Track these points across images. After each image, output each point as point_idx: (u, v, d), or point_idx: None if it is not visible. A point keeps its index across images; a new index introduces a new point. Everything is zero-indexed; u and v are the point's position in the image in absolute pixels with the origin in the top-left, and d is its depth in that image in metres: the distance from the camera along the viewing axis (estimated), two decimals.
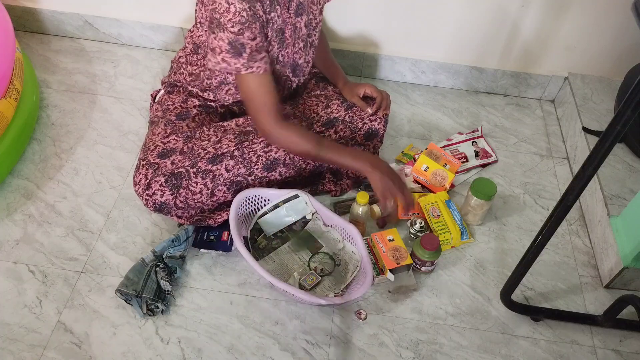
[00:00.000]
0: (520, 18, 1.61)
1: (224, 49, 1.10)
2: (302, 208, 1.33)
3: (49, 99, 1.65)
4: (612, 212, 1.35)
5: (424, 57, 1.75)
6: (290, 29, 1.23)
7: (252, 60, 1.12)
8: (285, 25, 1.22)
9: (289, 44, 1.26)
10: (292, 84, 1.38)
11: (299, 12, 1.23)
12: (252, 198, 1.30)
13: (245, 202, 1.29)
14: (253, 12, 1.09)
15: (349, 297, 1.18)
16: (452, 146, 1.60)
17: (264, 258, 1.29)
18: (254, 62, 1.13)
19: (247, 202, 1.29)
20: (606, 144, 0.87)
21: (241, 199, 1.27)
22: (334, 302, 1.17)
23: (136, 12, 1.76)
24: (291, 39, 1.25)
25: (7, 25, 1.44)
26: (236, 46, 1.10)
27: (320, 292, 1.23)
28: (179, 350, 1.16)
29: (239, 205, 1.26)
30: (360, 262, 1.24)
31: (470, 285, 1.31)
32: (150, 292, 1.18)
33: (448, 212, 1.39)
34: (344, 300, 1.17)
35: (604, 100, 1.66)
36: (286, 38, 1.24)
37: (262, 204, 1.33)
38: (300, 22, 1.24)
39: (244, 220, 1.29)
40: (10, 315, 1.18)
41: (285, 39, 1.24)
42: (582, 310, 1.29)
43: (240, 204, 1.27)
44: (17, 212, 1.37)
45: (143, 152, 1.27)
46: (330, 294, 1.21)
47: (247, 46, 1.10)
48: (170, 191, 1.21)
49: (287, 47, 1.26)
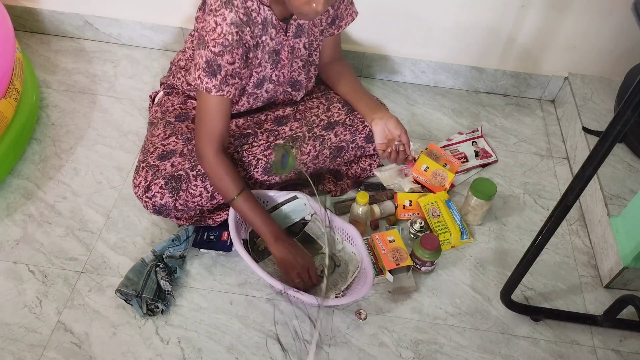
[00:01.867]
0: (520, 18, 1.61)
1: (201, 66, 1.11)
2: (301, 209, 1.33)
3: (49, 99, 1.65)
4: (612, 212, 1.35)
5: (424, 57, 1.75)
6: (287, 51, 1.23)
7: (224, 83, 1.12)
8: (281, 48, 1.22)
9: (285, 65, 1.26)
10: (292, 97, 1.38)
11: (298, 34, 1.23)
12: None
13: None
14: (240, 37, 1.09)
15: (350, 299, 1.17)
16: (452, 146, 1.60)
17: (263, 260, 1.29)
18: (225, 86, 1.13)
19: None
20: (606, 144, 0.87)
21: None
22: (336, 303, 1.17)
23: (136, 12, 1.76)
24: (288, 60, 1.25)
25: (7, 25, 1.43)
26: (212, 66, 1.10)
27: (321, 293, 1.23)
28: (179, 350, 1.16)
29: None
30: (360, 262, 1.24)
31: (470, 285, 1.31)
32: (150, 292, 1.18)
33: (448, 212, 1.39)
34: (345, 301, 1.17)
35: (604, 100, 1.66)
36: (282, 59, 1.24)
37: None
38: (299, 43, 1.25)
39: (243, 222, 1.29)
40: (10, 315, 1.18)
41: (281, 60, 1.24)
42: (582, 310, 1.29)
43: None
44: (17, 212, 1.37)
45: (143, 154, 1.27)
46: (331, 295, 1.21)
47: (224, 69, 1.10)
48: (170, 194, 1.21)
49: (283, 67, 1.26)
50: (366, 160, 1.47)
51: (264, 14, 1.14)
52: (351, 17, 1.35)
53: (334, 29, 1.34)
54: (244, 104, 1.30)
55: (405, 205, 1.41)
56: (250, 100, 1.30)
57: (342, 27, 1.35)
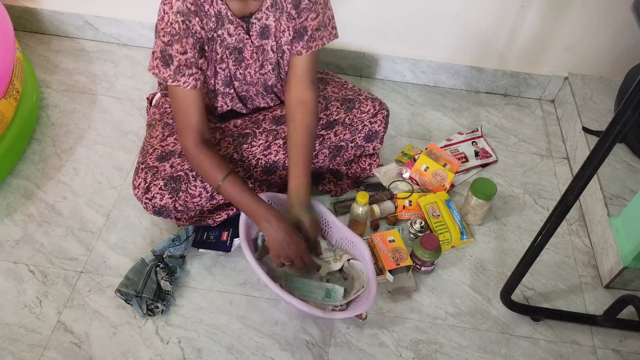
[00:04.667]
0: (520, 18, 1.61)
1: (157, 55, 1.11)
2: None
3: (49, 99, 1.65)
4: (612, 212, 1.35)
5: (424, 57, 1.75)
6: (250, 50, 1.21)
7: (178, 73, 1.11)
8: (243, 46, 1.20)
9: (249, 65, 1.24)
10: (268, 100, 1.35)
11: (265, 36, 1.20)
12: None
13: None
14: (187, 26, 1.08)
15: (348, 314, 1.15)
16: (452, 146, 1.60)
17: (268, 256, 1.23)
18: (180, 76, 1.11)
19: None
20: (606, 144, 0.87)
21: None
22: (333, 316, 1.15)
23: (136, 12, 1.76)
24: (252, 60, 1.23)
25: (7, 25, 1.44)
26: (165, 56, 1.09)
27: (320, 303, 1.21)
28: (179, 350, 1.16)
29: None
30: (367, 282, 1.19)
31: (470, 285, 1.31)
32: (150, 292, 1.18)
33: (448, 212, 1.39)
34: (342, 316, 1.16)
35: (604, 100, 1.66)
36: (245, 58, 1.22)
37: None
38: (266, 45, 1.22)
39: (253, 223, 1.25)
40: (10, 315, 1.18)
41: (245, 59, 1.22)
42: (582, 310, 1.29)
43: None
44: (17, 212, 1.37)
45: (142, 155, 1.27)
46: (329, 307, 1.19)
47: (175, 59, 1.10)
48: (170, 194, 1.21)
49: (249, 67, 1.24)
50: (366, 160, 1.48)
51: (218, 7, 1.12)
52: (326, 39, 1.23)
53: (301, 47, 1.20)
54: (222, 105, 1.29)
55: (405, 205, 1.41)
56: (227, 101, 1.29)
57: (312, 48, 1.20)
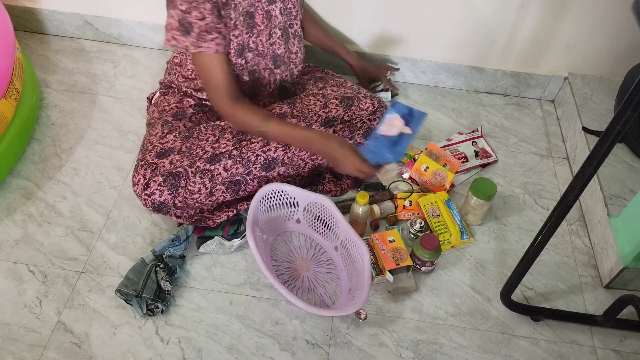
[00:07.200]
0: (520, 18, 1.61)
1: (174, 26, 1.12)
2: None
3: (49, 99, 1.65)
4: (612, 212, 1.35)
5: (424, 57, 1.75)
6: (261, 15, 1.23)
7: (200, 39, 1.13)
8: (254, 10, 1.22)
9: (261, 32, 1.25)
10: (275, 76, 1.37)
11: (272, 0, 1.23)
12: (276, 192, 1.29)
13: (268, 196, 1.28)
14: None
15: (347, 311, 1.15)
16: (452, 146, 1.60)
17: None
18: (202, 42, 1.13)
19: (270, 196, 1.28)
20: (606, 144, 0.87)
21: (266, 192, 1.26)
22: (329, 314, 1.16)
23: (136, 12, 1.76)
24: (264, 25, 1.25)
25: (7, 25, 1.44)
26: (184, 24, 1.11)
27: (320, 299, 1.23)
28: (179, 350, 1.16)
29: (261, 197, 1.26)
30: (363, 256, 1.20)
31: (470, 285, 1.31)
32: (150, 292, 1.18)
33: (448, 212, 1.39)
34: (342, 313, 1.16)
35: (604, 100, 1.66)
36: (257, 24, 1.24)
37: (286, 200, 1.31)
38: (275, 9, 1.24)
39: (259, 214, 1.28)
40: (10, 315, 1.18)
41: (257, 25, 1.24)
42: (582, 310, 1.29)
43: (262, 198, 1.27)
44: (17, 212, 1.37)
45: (141, 153, 1.28)
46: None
47: (195, 25, 1.11)
48: (169, 191, 1.21)
49: (260, 34, 1.25)
50: None
51: None
52: None
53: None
54: None
55: (405, 205, 1.41)
56: (236, 73, 1.30)
57: None
